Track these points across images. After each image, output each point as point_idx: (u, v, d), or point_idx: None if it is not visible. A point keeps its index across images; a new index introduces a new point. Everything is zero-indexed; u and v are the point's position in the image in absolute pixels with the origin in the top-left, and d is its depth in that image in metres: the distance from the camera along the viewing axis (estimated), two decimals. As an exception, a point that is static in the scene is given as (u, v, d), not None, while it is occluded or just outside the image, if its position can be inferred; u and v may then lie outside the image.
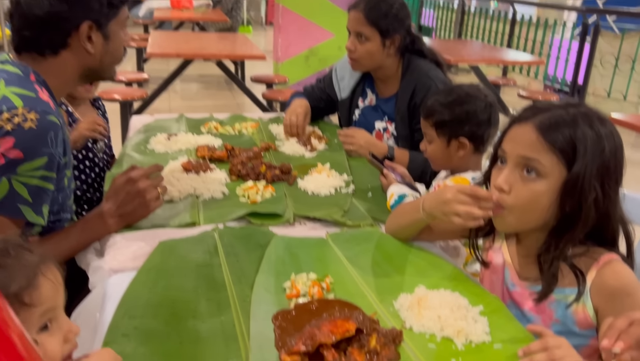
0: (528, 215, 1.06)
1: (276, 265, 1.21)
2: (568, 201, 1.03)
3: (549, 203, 1.03)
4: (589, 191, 1.01)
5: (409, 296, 1.11)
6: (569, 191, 1.02)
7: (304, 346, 0.92)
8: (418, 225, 1.28)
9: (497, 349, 0.97)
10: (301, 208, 1.53)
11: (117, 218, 1.29)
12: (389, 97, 2.08)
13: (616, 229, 1.07)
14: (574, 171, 1.01)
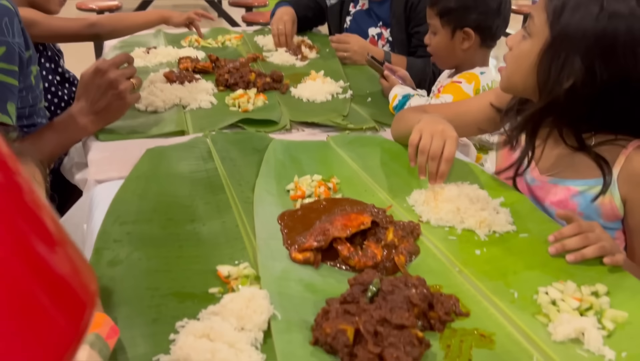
0: (514, 75, 1.00)
1: (276, 168, 1.11)
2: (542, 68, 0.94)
3: (529, 63, 0.96)
4: (563, 65, 0.91)
5: (423, 192, 1.02)
6: (544, 56, 0.94)
7: (316, 242, 0.84)
8: None
9: (524, 237, 0.90)
10: (297, 114, 1.42)
11: (92, 117, 1.16)
12: (383, 0, 1.94)
13: None
14: (554, 34, 0.92)
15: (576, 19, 0.90)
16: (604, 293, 0.76)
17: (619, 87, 0.91)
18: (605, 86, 0.90)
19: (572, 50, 0.90)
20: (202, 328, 0.66)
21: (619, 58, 0.90)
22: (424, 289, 0.72)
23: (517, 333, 0.70)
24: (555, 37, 0.92)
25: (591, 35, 0.89)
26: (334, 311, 0.69)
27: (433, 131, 0.99)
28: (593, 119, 0.96)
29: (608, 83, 0.90)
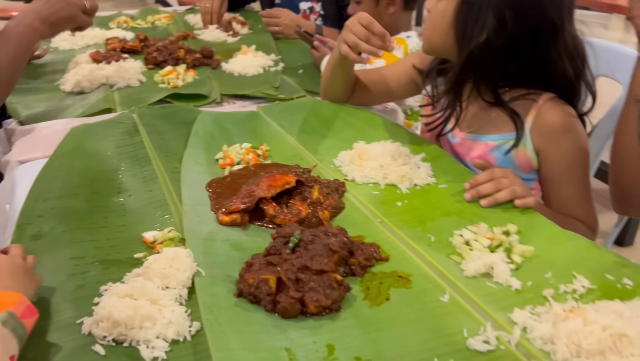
0: (433, 35, 1.03)
1: (205, 139, 1.11)
2: (457, 25, 0.98)
3: (446, 22, 0.99)
4: (477, 19, 0.95)
5: (348, 152, 1.05)
6: (459, 12, 0.97)
7: (243, 203, 0.85)
8: (340, 67, 1.19)
9: (443, 188, 0.94)
10: (228, 87, 1.42)
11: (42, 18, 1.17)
12: None
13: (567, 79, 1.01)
14: None
15: None
16: (514, 232, 0.81)
17: (529, 40, 0.96)
18: (516, 38, 0.95)
19: (484, 4, 0.94)
20: (125, 289, 0.66)
21: (527, 10, 0.94)
22: (344, 238, 0.75)
23: (432, 272, 0.74)
24: None
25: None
26: (257, 263, 0.71)
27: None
28: (507, 73, 1.01)
29: (518, 35, 0.95)
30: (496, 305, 0.67)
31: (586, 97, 1.04)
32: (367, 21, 1.07)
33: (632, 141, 0.90)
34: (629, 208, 1.02)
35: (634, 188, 0.96)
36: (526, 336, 0.62)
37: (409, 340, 0.63)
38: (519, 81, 1.03)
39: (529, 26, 0.94)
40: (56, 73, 1.47)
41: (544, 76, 1.02)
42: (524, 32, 0.94)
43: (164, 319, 0.63)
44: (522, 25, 0.94)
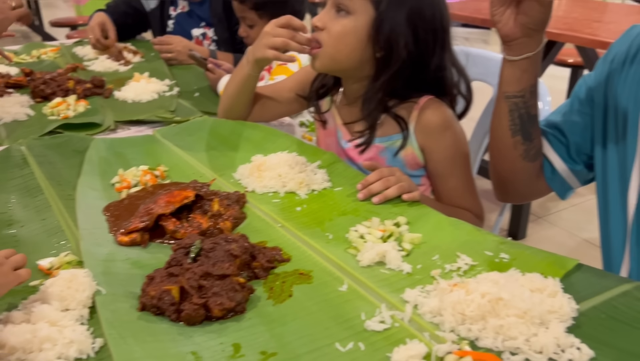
0: (340, 54, 1.06)
1: (100, 165, 1.10)
2: (377, 43, 1.04)
3: (357, 40, 1.04)
4: (396, 35, 1.03)
5: (247, 166, 1.08)
6: (376, 31, 1.04)
7: (142, 222, 0.85)
8: (247, 84, 1.23)
9: (338, 191, 0.99)
10: (123, 114, 1.41)
11: None
12: (202, 1, 1.98)
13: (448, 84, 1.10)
14: (380, 11, 1.03)
15: None
16: (404, 223, 0.88)
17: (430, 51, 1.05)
18: (423, 51, 1.04)
19: (400, 21, 1.02)
20: (22, 315, 0.65)
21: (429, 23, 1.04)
22: (245, 243, 0.77)
23: (331, 267, 0.78)
24: (382, 12, 1.02)
25: (407, 9, 1.02)
26: (159, 276, 0.71)
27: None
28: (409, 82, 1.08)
29: (425, 48, 1.04)
30: (389, 288, 0.72)
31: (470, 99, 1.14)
32: (285, 21, 1.11)
33: (505, 133, 1.00)
34: (509, 195, 1.13)
35: (510, 176, 1.06)
36: (417, 312, 0.68)
37: (311, 330, 0.66)
38: (409, 89, 1.10)
39: (431, 38, 1.04)
40: None
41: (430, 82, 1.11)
42: (427, 44, 1.04)
43: (65, 339, 0.62)
44: (426, 36, 1.03)
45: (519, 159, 1.01)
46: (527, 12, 0.87)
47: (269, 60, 1.18)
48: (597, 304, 0.67)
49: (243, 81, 1.23)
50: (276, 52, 1.13)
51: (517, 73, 0.94)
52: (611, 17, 2.31)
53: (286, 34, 1.11)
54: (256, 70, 1.21)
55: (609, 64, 0.98)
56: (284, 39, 1.11)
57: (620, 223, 0.94)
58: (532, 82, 0.95)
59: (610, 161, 0.96)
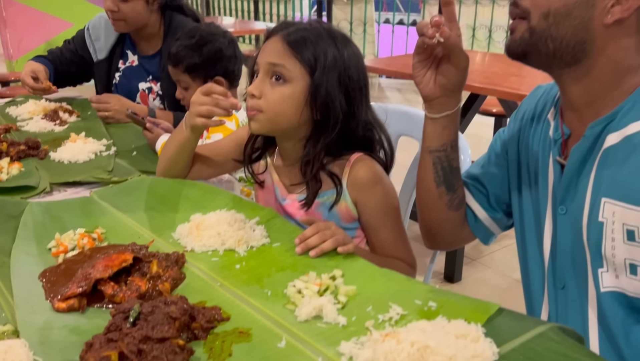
0: (279, 118, 1.11)
1: (36, 230, 1.09)
2: (315, 105, 1.11)
3: (296, 106, 1.10)
4: (332, 97, 1.10)
5: (186, 225, 1.10)
6: (313, 96, 1.11)
7: (80, 287, 0.85)
8: (187, 147, 1.27)
9: (277, 246, 1.03)
10: (59, 176, 1.40)
11: None
12: (153, 55, 2.00)
13: (370, 136, 1.18)
14: (316, 77, 1.10)
15: (325, 64, 1.09)
16: (339, 275, 0.91)
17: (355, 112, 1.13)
18: (351, 111, 1.12)
19: (333, 86, 1.09)
20: (-47, 393, 0.63)
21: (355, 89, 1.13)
22: (184, 304, 0.79)
23: (270, 323, 0.81)
24: (317, 78, 1.09)
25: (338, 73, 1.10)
26: (97, 343, 0.72)
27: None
28: (341, 140, 1.15)
29: (352, 108, 1.12)
30: (326, 341, 0.76)
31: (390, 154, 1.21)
32: (207, 89, 1.18)
33: (430, 184, 1.07)
34: (436, 242, 1.20)
35: (437, 225, 1.13)
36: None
37: (251, 388, 0.68)
38: (340, 147, 1.17)
39: (359, 96, 1.13)
40: None
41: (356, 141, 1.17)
42: (357, 103, 1.12)
43: (-1, 415, 0.61)
44: (354, 97, 1.12)
45: (444, 209, 1.09)
46: (445, 75, 0.96)
47: (201, 127, 1.23)
48: (516, 346, 0.72)
49: (182, 144, 1.27)
50: (204, 119, 1.19)
51: (438, 129, 1.02)
52: (527, 72, 2.50)
53: (209, 101, 1.18)
54: (193, 135, 1.25)
55: (520, 120, 1.08)
56: (208, 107, 1.18)
57: (538, 267, 1.02)
58: (453, 137, 1.04)
59: (525, 209, 1.05)
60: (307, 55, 1.10)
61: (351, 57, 1.14)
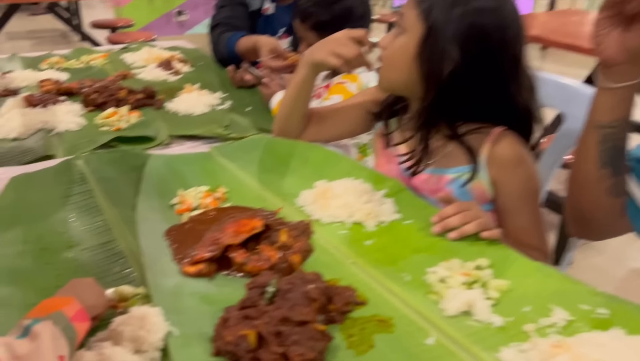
0: (390, 72, 1.04)
1: (158, 184, 1.06)
2: (423, 60, 0.99)
3: (405, 58, 1.00)
4: (444, 52, 0.96)
5: (311, 192, 1.03)
6: (424, 50, 0.98)
7: (209, 252, 0.81)
8: (303, 90, 1.19)
9: (408, 224, 0.94)
10: (176, 128, 1.38)
11: None
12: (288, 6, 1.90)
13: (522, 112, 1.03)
14: (430, 28, 0.97)
15: (445, 15, 0.95)
16: (486, 265, 0.81)
17: (492, 74, 0.99)
18: (481, 72, 0.98)
19: (449, 38, 0.96)
20: (92, 357, 0.61)
21: (490, 43, 0.97)
22: (321, 284, 0.72)
23: (413, 314, 0.73)
24: (429, 29, 0.96)
25: (461, 27, 0.95)
26: (233, 318, 0.67)
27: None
28: (466, 108, 1.03)
29: (483, 69, 0.97)
30: (482, 344, 0.67)
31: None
32: (360, 35, 1.10)
33: (592, 165, 0.93)
34: (586, 232, 1.06)
35: (591, 212, 0.99)
36: (517, 375, 0.62)
37: (400, 389, 0.61)
38: (475, 115, 1.05)
39: (493, 59, 0.97)
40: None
41: (500, 109, 1.04)
42: (488, 66, 0.97)
43: (139, 388, 0.57)
44: (487, 58, 0.97)
45: (602, 194, 0.95)
46: (636, 38, 0.80)
47: (327, 66, 1.15)
48: None
49: (298, 86, 1.20)
50: (341, 61, 1.10)
51: (612, 102, 0.87)
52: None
53: (354, 48, 1.10)
54: (311, 73, 1.17)
55: None
56: (355, 52, 1.09)
57: None
58: (628, 112, 0.88)
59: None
60: (426, 3, 0.98)
61: (493, 11, 0.99)
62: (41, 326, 0.53)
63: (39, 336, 0.52)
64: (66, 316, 0.56)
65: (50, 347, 0.52)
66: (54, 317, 0.55)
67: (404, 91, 1.09)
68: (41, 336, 0.52)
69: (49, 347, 0.52)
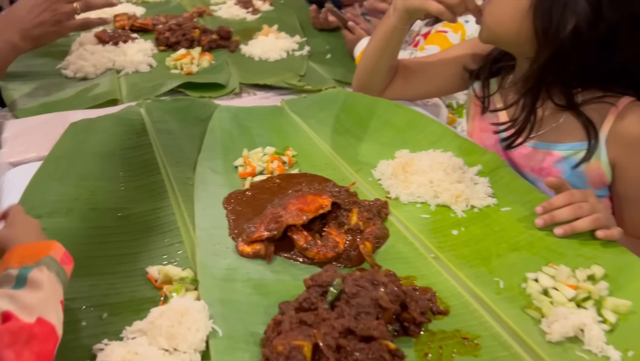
0: (498, 20, 0.87)
1: (223, 141, 0.96)
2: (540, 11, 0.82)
3: (515, 12, 0.84)
4: (565, 5, 0.79)
5: (390, 162, 0.90)
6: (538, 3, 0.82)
7: (268, 231, 0.71)
8: (391, 41, 1.05)
9: (506, 212, 0.79)
10: (248, 75, 1.27)
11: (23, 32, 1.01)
12: None
13: None
14: None
15: None
16: (601, 276, 0.66)
17: (622, 31, 0.79)
18: (608, 30, 0.79)
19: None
20: (125, 355, 0.53)
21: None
22: (395, 287, 0.60)
23: (505, 334, 0.59)
24: None
25: None
26: (288, 321, 0.56)
27: None
28: (589, 71, 0.84)
29: (612, 26, 0.79)
30: (594, 388, 0.53)
31: None
32: None
33: None
34: None
35: None
36: None
37: None
38: (597, 82, 0.86)
39: (624, 15, 0.78)
40: (58, 55, 1.32)
41: (629, 76, 0.85)
42: (618, 22, 0.78)
43: (171, 403, 0.49)
44: (617, 13, 0.77)
45: None
46: None
47: (424, 12, 0.98)
48: None
49: (386, 35, 1.04)
50: (442, 7, 0.94)
51: None
52: None
53: None
54: (403, 22, 1.02)
55: None
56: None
57: None
58: None
59: None
60: None
61: None
62: (38, 272, 0.50)
63: (41, 284, 0.49)
64: (56, 260, 0.53)
65: (53, 294, 0.50)
66: (47, 262, 0.51)
67: (511, 47, 0.92)
68: (43, 283, 0.49)
69: (53, 294, 0.50)
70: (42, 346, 0.45)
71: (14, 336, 0.43)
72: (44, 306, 0.48)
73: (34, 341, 0.45)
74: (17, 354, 0.43)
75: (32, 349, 0.44)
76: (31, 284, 0.48)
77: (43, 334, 0.46)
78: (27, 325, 0.45)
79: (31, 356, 0.44)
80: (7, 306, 0.46)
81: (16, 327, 0.44)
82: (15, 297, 0.46)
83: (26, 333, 0.44)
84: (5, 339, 0.43)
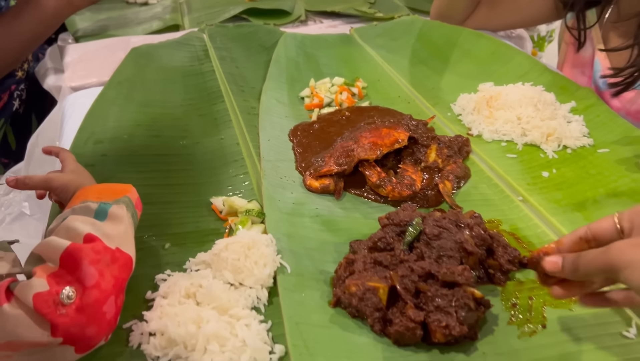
0: None
1: (288, 70, 0.91)
2: None
3: None
4: None
5: (472, 96, 0.81)
6: None
7: (338, 165, 0.65)
8: None
9: (603, 153, 0.70)
10: (315, 2, 1.19)
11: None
12: None
13: None
14: None
15: None
16: None
17: None
18: None
19: None
20: (187, 287, 0.50)
21: None
22: (481, 230, 0.54)
23: (606, 288, 0.52)
24: None
25: None
26: (361, 261, 0.52)
27: None
28: None
29: None
30: None
31: None
32: None
33: None
34: None
35: None
36: None
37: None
38: None
39: None
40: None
41: None
42: None
43: (237, 340, 0.46)
44: None
45: None
46: None
47: None
48: None
49: None
50: None
51: None
52: None
53: None
54: None
55: None
56: None
57: None
58: None
59: None
60: None
61: None
62: (118, 209, 0.50)
63: (122, 219, 0.49)
64: (132, 202, 0.52)
65: (131, 230, 0.50)
66: (125, 201, 0.51)
67: None
68: (123, 218, 0.50)
69: (131, 230, 0.50)
70: (120, 272, 0.46)
71: (98, 255, 0.45)
72: (123, 239, 0.48)
73: (115, 265, 0.46)
74: (100, 272, 0.44)
75: (112, 272, 0.45)
76: (112, 218, 0.49)
77: (122, 261, 0.47)
78: (109, 249, 0.46)
79: (111, 279, 0.45)
80: (91, 230, 0.46)
81: (100, 247, 0.45)
82: (98, 226, 0.48)
83: (109, 255, 0.46)
84: (90, 256, 0.44)
